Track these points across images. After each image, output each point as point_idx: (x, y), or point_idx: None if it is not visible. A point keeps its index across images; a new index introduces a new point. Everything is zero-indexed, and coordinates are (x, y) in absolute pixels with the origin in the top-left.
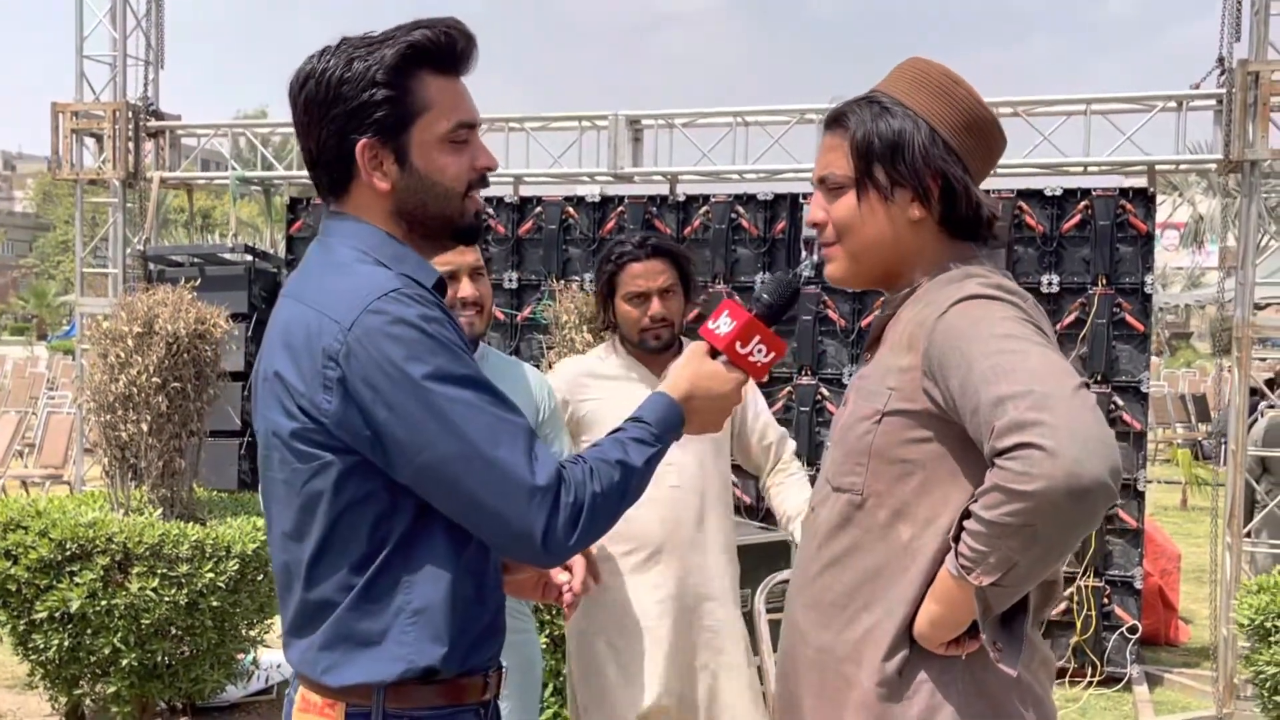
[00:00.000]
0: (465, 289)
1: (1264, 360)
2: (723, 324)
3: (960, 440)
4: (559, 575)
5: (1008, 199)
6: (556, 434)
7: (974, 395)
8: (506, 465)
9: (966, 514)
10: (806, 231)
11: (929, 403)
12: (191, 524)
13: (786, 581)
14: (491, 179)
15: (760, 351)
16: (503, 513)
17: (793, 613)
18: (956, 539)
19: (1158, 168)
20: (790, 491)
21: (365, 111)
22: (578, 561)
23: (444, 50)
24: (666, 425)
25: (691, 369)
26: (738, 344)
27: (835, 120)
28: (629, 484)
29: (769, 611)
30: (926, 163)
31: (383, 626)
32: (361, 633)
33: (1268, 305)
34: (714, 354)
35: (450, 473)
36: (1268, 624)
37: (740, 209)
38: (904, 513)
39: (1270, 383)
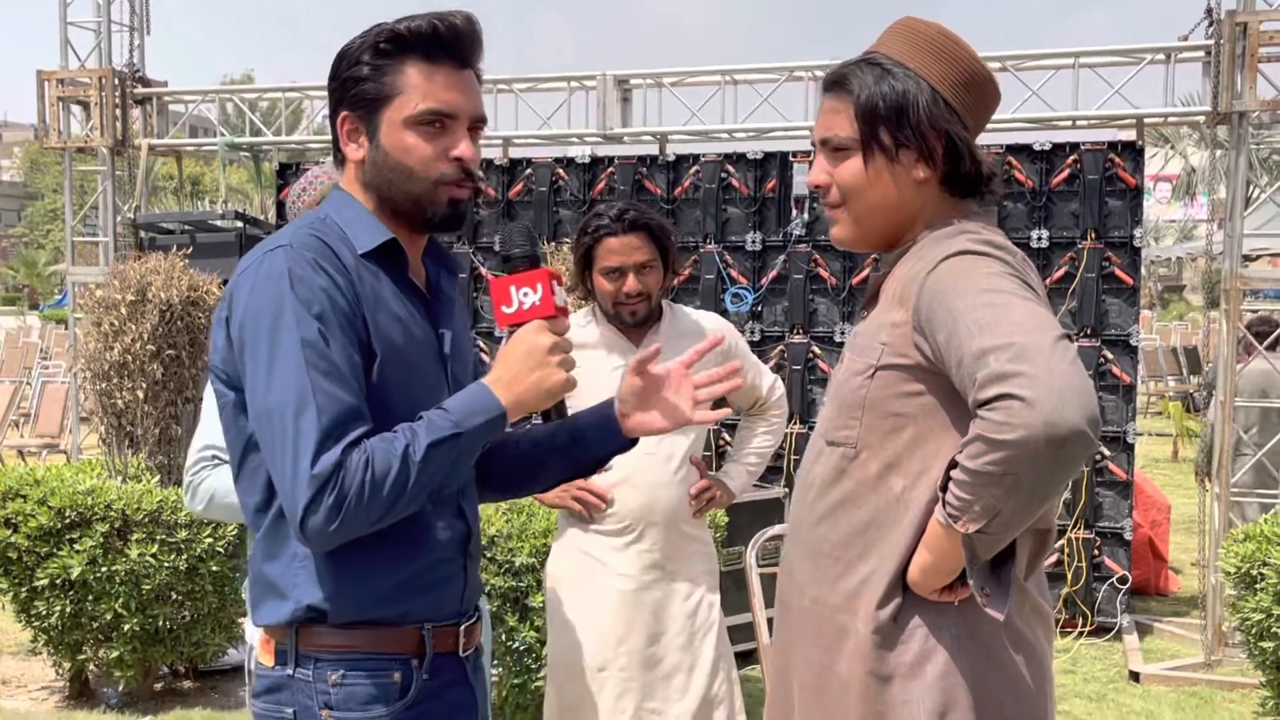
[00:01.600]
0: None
1: (1255, 312)
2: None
3: (950, 393)
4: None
5: (997, 154)
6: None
7: (959, 349)
8: (298, 438)
9: (953, 464)
10: (797, 190)
11: (920, 357)
12: None
13: (778, 537)
14: (480, 141)
15: (527, 295)
16: (281, 484)
17: (789, 564)
18: (944, 488)
19: (1146, 120)
20: (748, 435)
21: (348, 86)
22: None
23: (428, 39)
24: (470, 409)
25: (501, 351)
26: (504, 307)
27: (836, 83)
28: (407, 474)
29: (760, 566)
30: (931, 123)
31: (280, 570)
32: (266, 576)
33: (1259, 257)
34: (515, 329)
35: (263, 424)
36: (1254, 572)
37: (730, 168)
38: (896, 465)
39: (1260, 334)
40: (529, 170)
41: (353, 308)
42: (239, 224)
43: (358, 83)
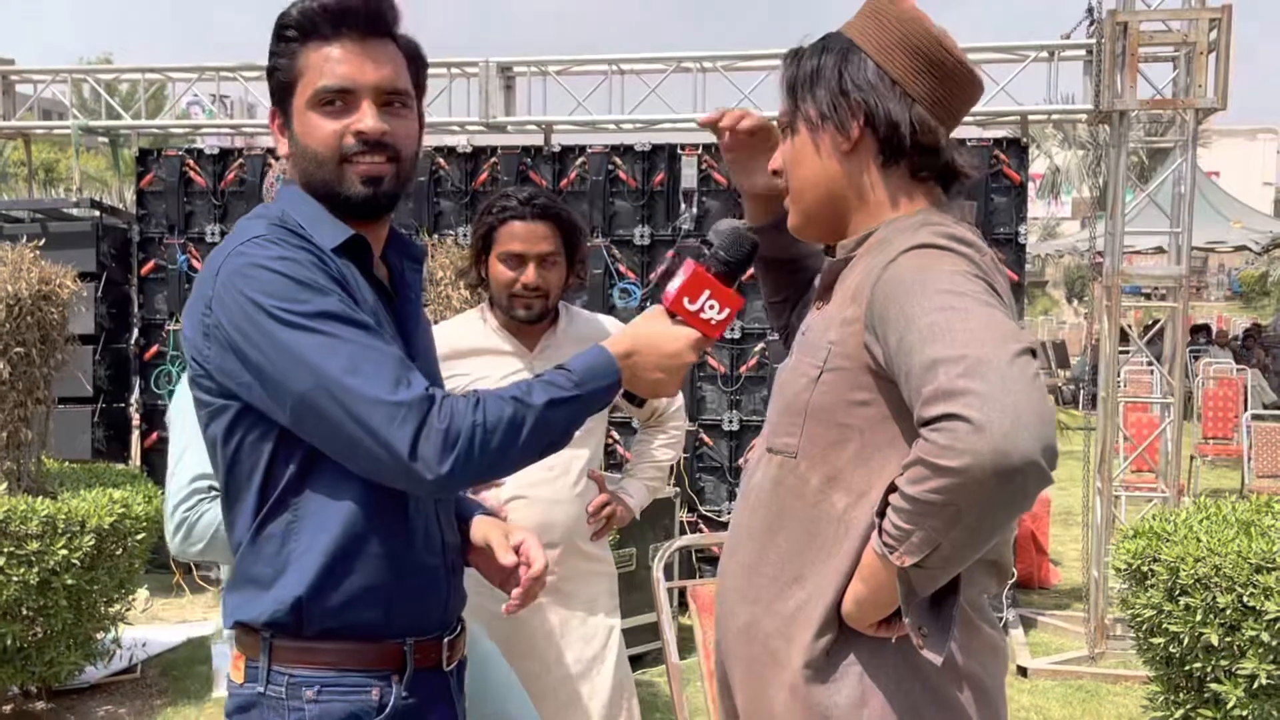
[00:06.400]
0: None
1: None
2: (674, 282)
3: (902, 403)
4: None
5: None
6: None
7: (908, 356)
8: (363, 388)
9: (893, 487)
10: (685, 183)
11: (869, 359)
12: (41, 498)
13: (684, 549)
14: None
15: (712, 308)
16: (367, 435)
17: (723, 580)
18: (881, 514)
19: (1030, 118)
20: (645, 448)
21: (269, 82)
22: (537, 561)
23: (313, 19)
24: (591, 375)
25: (640, 327)
26: (685, 300)
27: (785, 62)
28: (522, 421)
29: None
30: (842, 88)
31: (271, 571)
32: (254, 575)
33: (1125, 254)
34: (671, 315)
35: (315, 406)
36: (1144, 568)
37: (618, 160)
38: (838, 480)
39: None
40: None
41: (341, 285)
42: (95, 213)
43: (271, 75)
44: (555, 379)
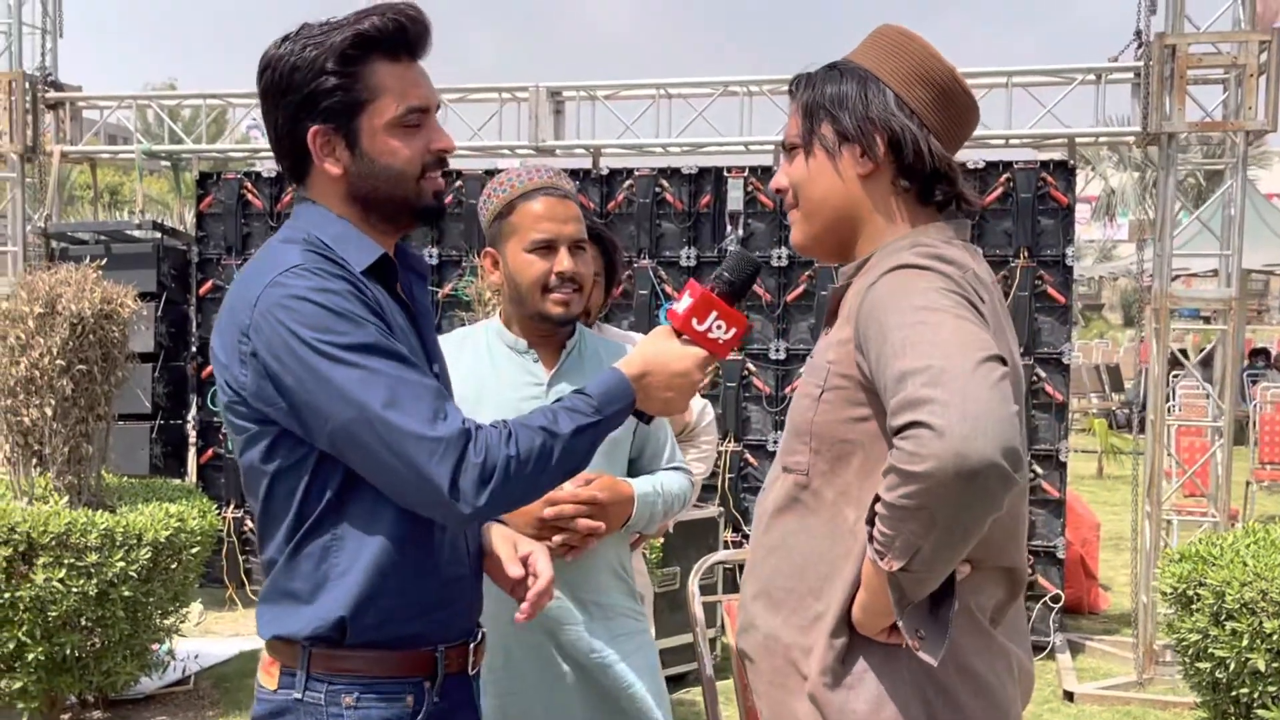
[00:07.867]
0: (563, 262)
1: (1176, 331)
2: (681, 302)
3: None
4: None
5: None
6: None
7: (884, 370)
8: (402, 423)
9: (878, 497)
10: (732, 205)
11: (862, 376)
12: (100, 512)
13: (721, 563)
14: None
15: (719, 328)
16: (406, 468)
17: (744, 595)
18: (870, 522)
19: (1077, 140)
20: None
21: (315, 99)
22: (543, 573)
23: (393, 37)
24: (610, 399)
25: (649, 347)
26: (694, 320)
27: (794, 86)
28: (551, 451)
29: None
30: (870, 115)
31: (309, 586)
32: (292, 591)
33: (1176, 278)
34: (679, 335)
35: (354, 437)
36: (1190, 592)
37: (665, 183)
38: (848, 494)
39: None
40: (459, 182)
41: (378, 314)
42: (157, 234)
43: (328, 94)
44: (578, 405)
